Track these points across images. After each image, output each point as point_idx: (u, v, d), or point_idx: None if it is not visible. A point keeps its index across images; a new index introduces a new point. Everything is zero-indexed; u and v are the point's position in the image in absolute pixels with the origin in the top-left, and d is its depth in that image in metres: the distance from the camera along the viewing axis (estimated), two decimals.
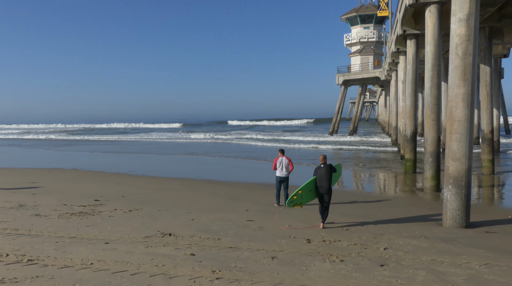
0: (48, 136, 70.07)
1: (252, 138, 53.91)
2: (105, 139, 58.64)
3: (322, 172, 10.09)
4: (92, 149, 39.88)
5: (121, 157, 31.56)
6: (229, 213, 11.69)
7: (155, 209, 12.17)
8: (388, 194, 15.21)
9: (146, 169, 22.77)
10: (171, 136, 61.49)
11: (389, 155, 29.45)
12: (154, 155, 32.27)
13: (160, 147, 40.93)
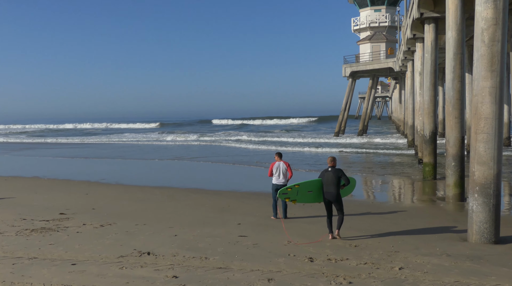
0: (4, 138, 69.65)
1: (242, 139, 53.93)
2: (71, 142, 58.44)
3: (328, 176, 10.36)
4: (56, 153, 39.72)
5: (91, 162, 31.44)
6: (218, 227, 11.67)
7: (131, 224, 12.12)
8: (404, 204, 15.26)
9: (120, 177, 22.71)
10: (148, 138, 61.40)
11: (405, 159, 29.58)
12: (129, 160, 32.17)
13: (136, 151, 40.85)
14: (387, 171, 24.08)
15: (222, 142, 50.57)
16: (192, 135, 63.06)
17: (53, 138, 66.51)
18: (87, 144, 53.87)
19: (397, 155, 32.22)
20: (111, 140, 58.94)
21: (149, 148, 44.82)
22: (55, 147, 48.13)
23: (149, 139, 58.56)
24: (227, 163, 29.19)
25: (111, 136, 68.95)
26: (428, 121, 20.92)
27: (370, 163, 28.45)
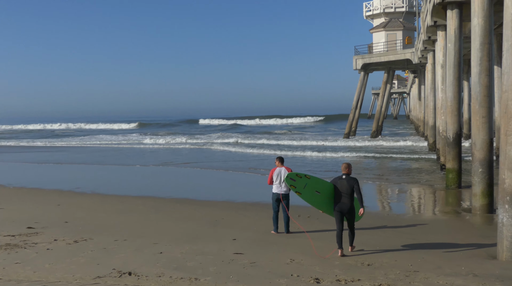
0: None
1: (235, 142, 53.82)
2: (40, 145, 58.40)
3: (342, 185, 10.55)
4: (23, 158, 39.68)
5: (63, 168, 31.40)
6: (210, 243, 11.67)
7: (110, 239, 12.12)
8: (424, 217, 15.28)
9: (97, 185, 22.70)
10: (128, 140, 61.37)
11: (425, 165, 29.64)
12: (107, 166, 32.15)
13: (114, 156, 40.83)
14: (404, 178, 24.13)
15: (212, 145, 50.54)
16: (177, 137, 63.00)
17: (19, 140, 66.43)
18: (58, 147, 53.84)
19: (416, 160, 32.30)
20: (86, 143, 58.93)
21: (129, 152, 44.78)
22: (22, 151, 48.08)
23: (129, 142, 58.56)
24: (220, 169, 29.20)
25: (85, 138, 68.96)
26: (452, 121, 20.96)
27: (385, 170, 28.49)
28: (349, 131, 57.02)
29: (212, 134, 73.52)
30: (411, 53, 49.49)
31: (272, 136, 66.78)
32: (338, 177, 10.74)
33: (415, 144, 45.30)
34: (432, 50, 34.78)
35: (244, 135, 68.48)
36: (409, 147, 42.92)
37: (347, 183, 10.51)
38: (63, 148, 52.38)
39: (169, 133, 79.39)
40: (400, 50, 53.22)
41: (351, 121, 57.18)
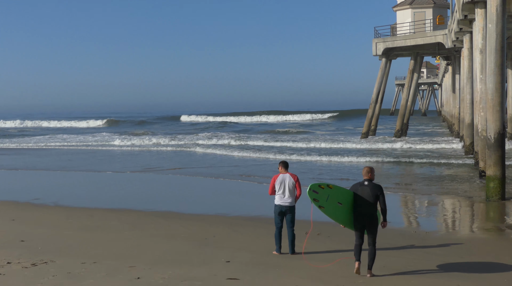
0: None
1: (227, 145, 53.51)
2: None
3: (365, 192, 10.77)
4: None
5: (20, 176, 31.35)
6: (198, 266, 11.64)
7: (76, 262, 12.07)
8: (459, 235, 15.27)
9: (61, 196, 22.65)
10: (97, 141, 61.33)
11: (460, 171, 29.66)
12: (73, 173, 32.10)
13: (81, 159, 40.84)
14: (435, 188, 24.13)
15: (197, 147, 50.26)
16: (156, 137, 62.95)
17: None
18: (12, 149, 53.72)
19: (449, 166, 32.32)
20: (47, 144, 58.81)
21: (99, 155, 44.75)
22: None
23: (99, 143, 58.51)
24: (209, 176, 29.19)
25: (45, 138, 68.84)
26: (493, 118, 20.96)
27: (411, 177, 28.49)
28: (368, 130, 56.99)
29: (200, 133, 73.53)
30: (443, 36, 49.53)
31: (271, 136, 66.51)
32: (359, 183, 10.92)
33: (447, 146, 45.34)
34: (469, 31, 34.78)
35: (238, 134, 68.40)
36: (440, 150, 42.94)
37: (371, 191, 10.71)
38: (18, 150, 52.29)
39: (146, 132, 79.22)
40: (430, 31, 53.17)
41: (370, 118, 57.17)
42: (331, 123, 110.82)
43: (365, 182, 10.82)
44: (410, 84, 58.86)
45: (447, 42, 46.31)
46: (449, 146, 45.06)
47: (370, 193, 10.69)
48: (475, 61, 27.65)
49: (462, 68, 39.60)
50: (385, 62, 55.80)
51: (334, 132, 78.47)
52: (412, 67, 57.77)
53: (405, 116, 59.12)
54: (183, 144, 54.44)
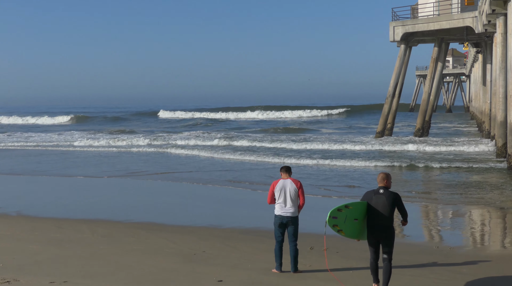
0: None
1: (215, 146, 53.15)
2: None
3: (379, 202, 10.94)
4: None
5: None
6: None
7: (43, 281, 12.14)
8: (489, 251, 15.37)
9: (25, 204, 22.71)
10: (65, 141, 61.20)
11: (491, 176, 29.76)
12: (39, 178, 32.16)
13: (48, 162, 40.85)
14: (460, 196, 24.25)
15: (178, 148, 49.81)
16: (135, 137, 62.85)
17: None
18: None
19: (477, 171, 32.34)
20: (5, 144, 58.71)
21: (69, 157, 44.75)
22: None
23: (67, 143, 58.41)
24: (198, 182, 29.29)
25: (3, 137, 68.75)
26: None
27: (432, 184, 28.56)
28: (383, 129, 56.87)
29: (186, 131, 73.46)
30: (473, 19, 49.60)
31: (267, 136, 65.65)
32: (373, 191, 11.12)
33: (476, 148, 45.40)
34: (503, 13, 34.92)
35: (228, 133, 68.04)
36: (467, 152, 42.96)
37: (387, 200, 10.89)
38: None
39: (122, 130, 78.99)
40: (457, 13, 53.22)
41: (386, 115, 57.07)
42: (340, 120, 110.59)
43: (380, 190, 11.00)
44: (433, 75, 58.77)
45: (477, 26, 46.40)
46: (478, 148, 45.09)
47: (386, 202, 10.85)
48: (509, 48, 27.79)
49: (494, 57, 39.66)
50: (404, 49, 55.80)
51: (343, 130, 78.35)
52: (435, 55, 57.74)
53: (427, 112, 58.96)
54: (165, 144, 54.31)
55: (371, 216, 10.95)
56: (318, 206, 21.55)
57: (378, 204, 10.87)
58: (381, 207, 10.85)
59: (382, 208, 10.85)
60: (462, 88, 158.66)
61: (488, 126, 52.59)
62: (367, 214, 11.06)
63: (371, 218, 10.96)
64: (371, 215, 10.95)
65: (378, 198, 10.91)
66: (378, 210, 10.87)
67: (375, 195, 10.97)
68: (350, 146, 49.28)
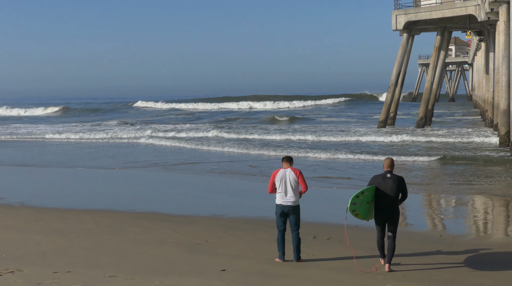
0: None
1: (211, 137, 52.91)
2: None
3: (387, 185, 11.93)
4: None
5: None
6: (189, 276, 11.73)
7: (47, 271, 12.15)
8: (492, 240, 15.37)
9: (29, 195, 22.76)
10: (61, 132, 61.11)
11: (494, 166, 29.73)
12: (41, 169, 32.21)
13: (46, 153, 40.98)
14: (463, 186, 24.25)
15: (154, 140, 49.39)
16: (133, 128, 62.76)
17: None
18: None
19: (480, 160, 32.28)
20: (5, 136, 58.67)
21: (66, 148, 44.80)
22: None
23: (63, 135, 58.30)
24: (200, 173, 29.31)
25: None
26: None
27: (435, 172, 28.53)
28: (386, 118, 56.79)
29: (168, 124, 73.24)
30: (476, 7, 49.45)
31: (258, 129, 64.91)
32: (381, 176, 12.08)
33: (478, 139, 45.29)
34: (506, 1, 34.81)
35: (219, 124, 67.60)
36: (470, 141, 42.88)
37: (394, 183, 11.89)
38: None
39: (122, 122, 78.08)
40: (460, 2, 53.04)
41: (388, 104, 56.98)
42: (340, 109, 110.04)
43: (387, 175, 11.97)
44: (436, 63, 58.64)
45: (480, 14, 46.25)
46: (480, 139, 44.86)
47: (394, 185, 11.84)
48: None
49: (497, 45, 39.58)
50: (407, 38, 55.65)
51: (343, 119, 77.93)
52: (438, 44, 57.61)
53: (429, 101, 58.86)
54: (160, 136, 53.28)
55: (380, 198, 11.92)
56: (321, 196, 21.59)
57: (387, 188, 11.83)
58: (389, 190, 11.82)
59: (390, 191, 11.83)
60: (465, 76, 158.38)
61: (490, 114, 52.54)
62: (375, 196, 11.97)
63: (380, 200, 11.92)
64: (380, 197, 11.92)
65: (386, 182, 11.86)
66: (386, 192, 11.85)
67: (383, 179, 11.92)
68: (350, 137, 47.63)
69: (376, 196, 11.99)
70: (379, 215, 12.03)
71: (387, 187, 11.86)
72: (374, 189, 11.97)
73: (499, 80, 37.25)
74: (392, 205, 11.91)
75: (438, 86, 64.01)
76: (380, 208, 11.97)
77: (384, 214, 11.98)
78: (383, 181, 11.93)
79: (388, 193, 11.87)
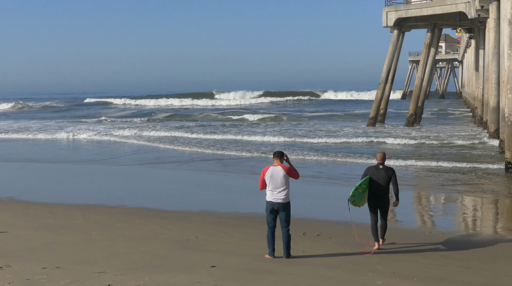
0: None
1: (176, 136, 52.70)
2: None
3: (380, 175, 13.37)
4: None
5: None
6: (179, 272, 11.74)
7: (36, 267, 12.12)
8: (482, 236, 15.41)
9: (18, 189, 22.72)
10: (45, 127, 61.04)
11: (483, 162, 29.79)
12: (31, 164, 32.13)
13: (31, 149, 40.99)
14: (453, 182, 24.30)
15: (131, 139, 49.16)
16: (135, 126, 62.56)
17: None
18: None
19: (469, 157, 32.39)
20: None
21: (54, 145, 44.77)
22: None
23: (51, 129, 58.30)
24: (191, 169, 29.28)
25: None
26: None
27: (424, 171, 28.58)
28: (376, 115, 56.74)
29: (134, 119, 72.93)
30: (466, 4, 49.55)
31: (226, 123, 65.24)
32: (374, 167, 13.55)
33: (469, 134, 45.40)
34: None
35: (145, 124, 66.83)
36: (460, 138, 42.95)
37: (385, 173, 13.32)
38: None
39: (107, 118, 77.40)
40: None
41: (378, 101, 56.98)
42: (325, 107, 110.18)
43: (380, 166, 13.42)
44: (426, 60, 58.74)
45: (470, 11, 46.33)
46: (470, 133, 44.98)
47: (385, 175, 13.29)
48: (502, 33, 27.74)
49: (487, 42, 39.72)
50: (397, 34, 55.76)
51: (329, 119, 77.86)
52: (428, 41, 57.73)
53: (419, 98, 58.95)
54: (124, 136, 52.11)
55: (373, 187, 13.35)
56: (313, 192, 21.61)
57: (379, 178, 13.29)
58: (381, 179, 13.28)
59: (382, 180, 13.29)
60: (455, 73, 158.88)
61: (480, 111, 52.72)
62: (369, 185, 13.38)
63: (373, 188, 13.35)
64: (373, 186, 13.35)
65: (378, 173, 13.33)
66: (379, 182, 13.29)
67: (376, 170, 13.38)
68: (335, 139, 43.76)
69: (369, 185, 13.39)
70: (372, 202, 13.47)
71: (380, 177, 13.30)
72: (368, 179, 13.34)
73: (489, 77, 37.40)
74: (384, 193, 13.34)
75: (428, 83, 64.17)
76: (373, 195, 13.40)
77: (377, 201, 13.43)
78: (376, 171, 13.38)
79: (380, 183, 13.29)
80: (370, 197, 13.48)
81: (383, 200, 13.44)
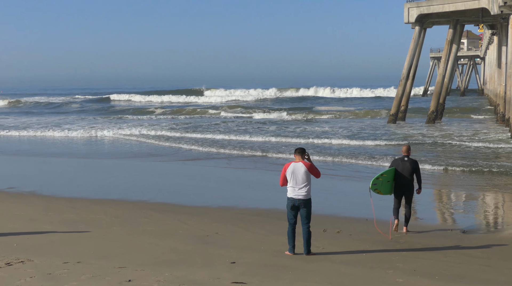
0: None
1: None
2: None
3: (405, 166, 14.68)
4: None
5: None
6: (198, 268, 11.75)
7: (57, 261, 12.17)
8: (504, 234, 15.30)
9: (39, 183, 22.83)
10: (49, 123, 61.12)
11: (505, 160, 29.57)
12: (51, 159, 32.32)
13: (57, 145, 41.22)
14: (475, 181, 24.13)
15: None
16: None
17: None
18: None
19: (491, 155, 32.13)
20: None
21: (72, 141, 45.01)
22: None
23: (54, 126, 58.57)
24: (209, 165, 29.25)
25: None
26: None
27: (445, 167, 28.42)
28: (397, 112, 56.19)
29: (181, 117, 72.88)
30: (488, 0, 49.20)
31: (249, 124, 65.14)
32: (400, 159, 14.92)
33: (490, 132, 45.01)
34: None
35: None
36: (481, 136, 42.65)
37: (410, 165, 14.66)
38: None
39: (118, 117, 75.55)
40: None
41: (399, 98, 56.55)
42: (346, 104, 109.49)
43: (405, 158, 14.77)
44: (448, 57, 58.30)
45: (493, 8, 45.98)
46: (492, 132, 44.52)
47: (410, 167, 14.65)
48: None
49: (510, 39, 39.39)
50: (419, 31, 55.39)
51: (347, 116, 77.58)
52: (450, 37, 57.29)
53: (441, 95, 58.40)
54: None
55: (399, 177, 14.72)
56: (333, 189, 21.58)
57: (404, 169, 14.67)
58: (406, 171, 14.66)
59: (407, 172, 14.66)
60: (477, 70, 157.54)
61: (502, 108, 52.22)
62: (395, 176, 14.75)
63: (399, 178, 14.73)
64: (399, 176, 14.72)
65: (404, 164, 14.72)
66: (403, 173, 14.66)
67: (402, 162, 14.75)
68: (350, 142, 44.68)
69: (395, 176, 14.77)
70: (398, 190, 14.87)
71: (404, 168, 14.69)
72: (393, 170, 14.75)
73: (511, 74, 37.08)
74: (408, 182, 14.73)
75: (449, 79, 63.71)
76: (399, 184, 14.79)
77: (402, 189, 14.81)
78: (402, 163, 14.76)
79: (405, 174, 14.66)
80: (396, 186, 14.85)
81: (408, 189, 14.79)
